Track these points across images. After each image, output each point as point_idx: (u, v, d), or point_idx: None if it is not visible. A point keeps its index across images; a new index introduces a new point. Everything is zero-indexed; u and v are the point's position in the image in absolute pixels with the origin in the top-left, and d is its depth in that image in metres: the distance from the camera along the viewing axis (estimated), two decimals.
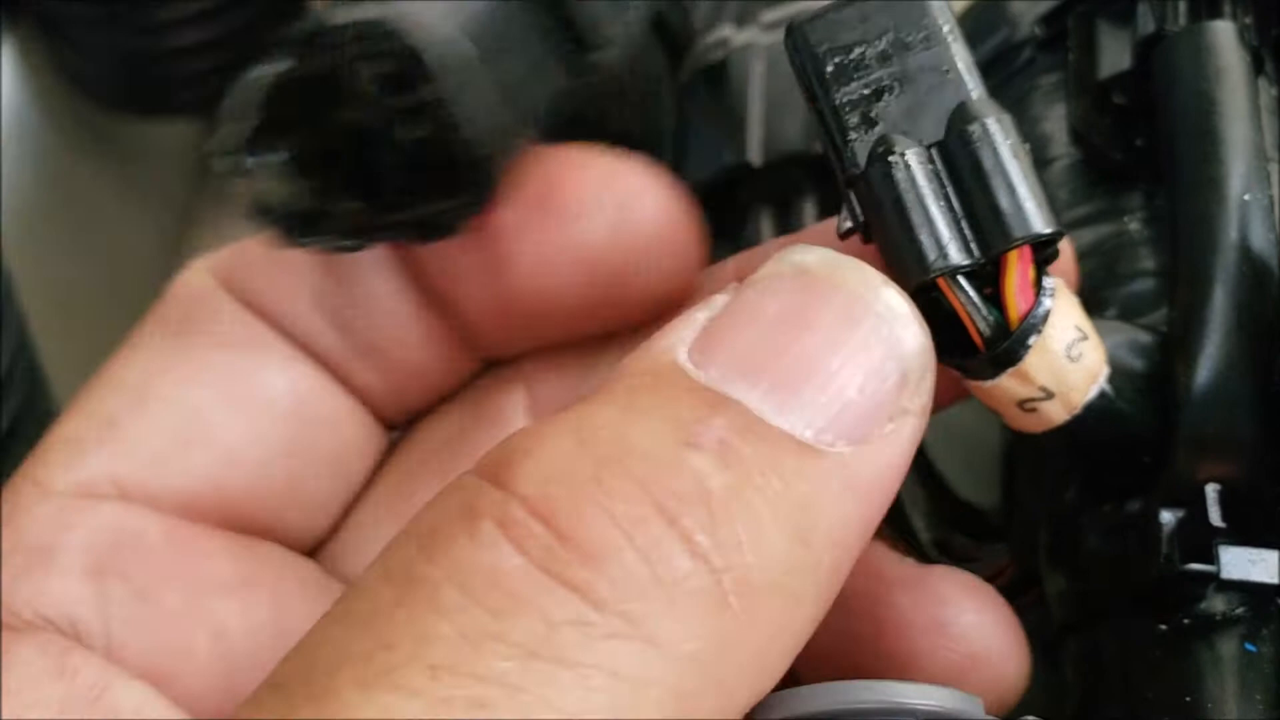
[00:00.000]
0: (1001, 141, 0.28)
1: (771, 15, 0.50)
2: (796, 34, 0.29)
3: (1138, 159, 0.37)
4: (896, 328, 0.26)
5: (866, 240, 0.28)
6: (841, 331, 0.26)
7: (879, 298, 0.26)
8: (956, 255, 0.27)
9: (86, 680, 0.28)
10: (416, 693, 0.21)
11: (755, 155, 0.46)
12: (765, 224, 0.47)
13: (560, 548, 0.23)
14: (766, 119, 0.47)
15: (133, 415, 0.30)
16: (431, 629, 0.22)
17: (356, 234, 0.28)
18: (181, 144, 0.77)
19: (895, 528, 0.34)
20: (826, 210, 0.45)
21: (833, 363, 0.25)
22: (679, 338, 0.26)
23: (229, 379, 0.31)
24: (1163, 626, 0.30)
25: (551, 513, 0.23)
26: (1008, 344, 0.28)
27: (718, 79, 0.49)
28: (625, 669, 0.22)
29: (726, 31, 0.51)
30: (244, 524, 0.31)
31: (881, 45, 0.29)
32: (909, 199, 0.27)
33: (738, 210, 0.47)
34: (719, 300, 0.26)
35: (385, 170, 0.28)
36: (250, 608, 0.30)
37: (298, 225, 0.28)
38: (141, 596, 0.29)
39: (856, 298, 0.26)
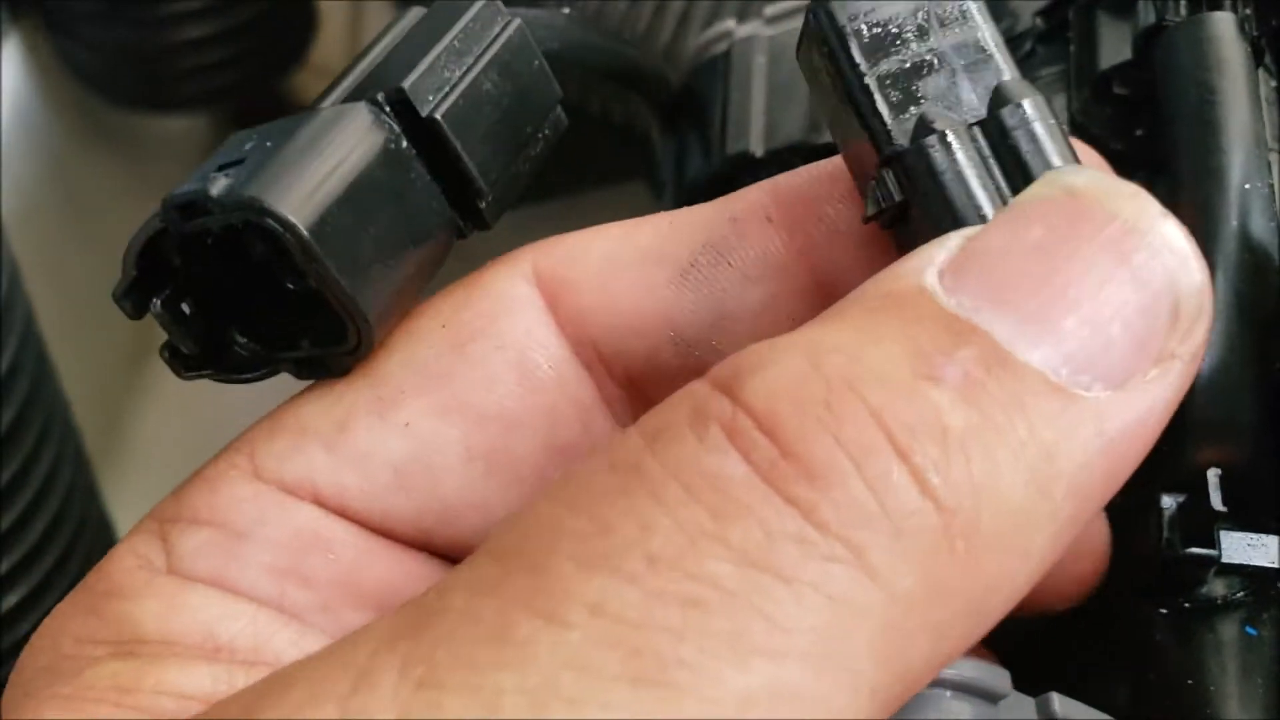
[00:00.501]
0: (1040, 122, 0.27)
1: (773, 9, 0.50)
2: (821, 8, 0.28)
3: (1138, 149, 0.38)
4: (1172, 263, 0.24)
5: (886, 226, 0.28)
6: (1110, 262, 0.24)
7: (1155, 228, 0.24)
8: None
9: (261, 621, 0.28)
10: (633, 580, 0.21)
11: (757, 145, 0.46)
12: None
13: (784, 463, 0.22)
14: (768, 110, 0.47)
15: (368, 427, 0.29)
16: (652, 519, 0.22)
17: (250, 368, 0.30)
18: (185, 137, 0.77)
19: None
20: None
21: (1098, 295, 0.23)
22: (930, 258, 0.24)
23: (490, 430, 0.30)
24: (1164, 610, 0.30)
25: (777, 428, 0.22)
26: None
27: (720, 71, 0.49)
28: (842, 594, 0.21)
29: (729, 24, 0.51)
30: (445, 552, 0.30)
31: (917, 20, 0.28)
32: (953, 178, 0.27)
33: None
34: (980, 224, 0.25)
35: (274, 314, 0.30)
36: None
37: (197, 360, 0.30)
38: (323, 608, 0.28)
39: (1130, 227, 0.24)
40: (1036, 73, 0.41)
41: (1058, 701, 0.25)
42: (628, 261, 0.31)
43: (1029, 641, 0.31)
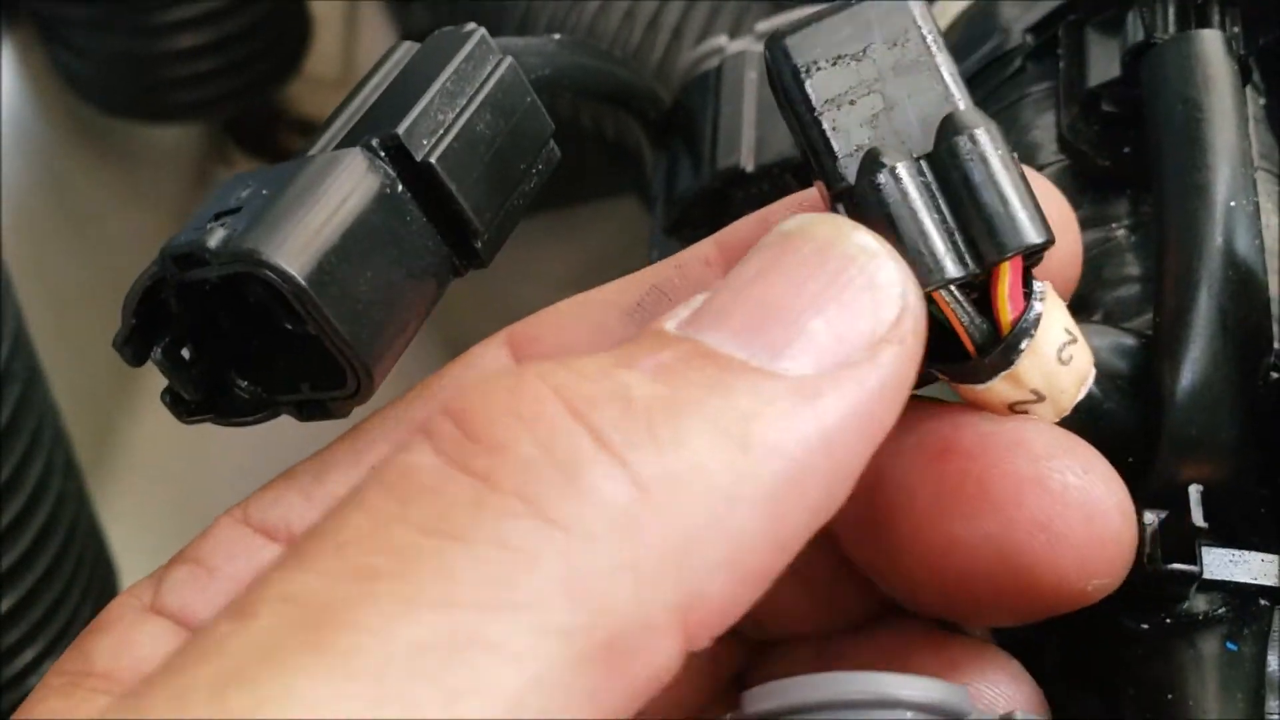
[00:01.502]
0: (991, 152, 0.27)
1: (764, 25, 0.51)
2: (776, 47, 0.29)
3: (1125, 166, 0.38)
4: (868, 265, 0.26)
5: None
6: (807, 273, 0.26)
7: (848, 239, 0.27)
8: (952, 269, 0.27)
9: None
10: (319, 567, 0.23)
11: (747, 160, 0.46)
12: None
13: (469, 444, 0.24)
14: (758, 124, 0.47)
15: (342, 475, 0.31)
16: (347, 517, 0.24)
17: (250, 411, 0.31)
18: (177, 146, 0.77)
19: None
20: None
21: (797, 301, 0.26)
22: (674, 314, 0.27)
23: None
24: (1145, 626, 0.30)
25: (466, 417, 0.24)
26: (1001, 349, 0.28)
27: (711, 86, 0.49)
28: (515, 542, 0.23)
29: (720, 40, 0.51)
30: None
31: (865, 56, 0.28)
32: (901, 213, 0.27)
33: (731, 214, 0.47)
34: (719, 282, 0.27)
35: (274, 357, 0.30)
36: None
37: (198, 405, 0.30)
38: None
39: (825, 243, 0.27)
40: (1026, 89, 0.42)
41: None
42: (584, 310, 0.33)
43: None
